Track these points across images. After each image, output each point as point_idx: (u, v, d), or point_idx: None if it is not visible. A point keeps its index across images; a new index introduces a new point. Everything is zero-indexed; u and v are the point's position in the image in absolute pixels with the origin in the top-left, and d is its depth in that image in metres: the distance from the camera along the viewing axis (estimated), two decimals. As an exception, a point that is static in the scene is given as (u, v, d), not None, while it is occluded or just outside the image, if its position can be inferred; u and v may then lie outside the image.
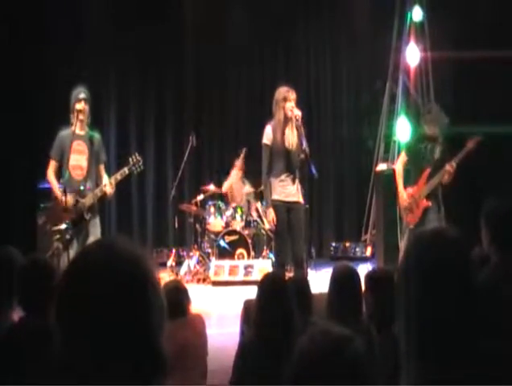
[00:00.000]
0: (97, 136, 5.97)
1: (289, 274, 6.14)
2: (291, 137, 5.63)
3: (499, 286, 2.58)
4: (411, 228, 6.44)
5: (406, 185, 6.50)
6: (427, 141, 6.45)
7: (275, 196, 5.65)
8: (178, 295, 3.57)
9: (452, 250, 1.52)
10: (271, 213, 5.69)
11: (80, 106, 5.70)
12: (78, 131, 5.75)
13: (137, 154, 6.00)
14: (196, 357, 3.52)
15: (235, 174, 9.36)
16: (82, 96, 5.71)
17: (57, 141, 5.80)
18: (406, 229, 6.63)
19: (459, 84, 9.23)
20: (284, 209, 5.64)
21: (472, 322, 1.47)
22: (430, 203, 6.33)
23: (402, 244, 6.55)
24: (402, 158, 6.62)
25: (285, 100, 5.62)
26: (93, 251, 1.23)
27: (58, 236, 5.54)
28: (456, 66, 8.86)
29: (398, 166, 6.62)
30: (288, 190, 5.60)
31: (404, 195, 6.46)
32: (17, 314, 2.89)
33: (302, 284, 3.46)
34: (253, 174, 9.43)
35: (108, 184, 5.75)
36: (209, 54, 10.65)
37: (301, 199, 5.67)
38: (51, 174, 5.77)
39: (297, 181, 5.64)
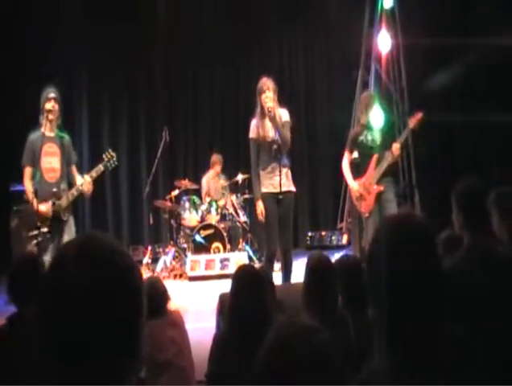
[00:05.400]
0: (66, 137, 5.87)
1: (277, 265, 6.14)
2: (270, 129, 5.63)
3: (471, 269, 2.57)
4: (367, 217, 6.45)
5: (357, 177, 6.50)
6: (365, 130, 6.47)
7: (264, 189, 5.64)
8: (159, 293, 3.54)
9: (417, 234, 1.51)
10: (260, 206, 5.66)
11: (49, 105, 5.60)
12: (48, 133, 5.65)
13: (110, 150, 5.96)
14: (183, 353, 3.51)
15: (212, 170, 9.33)
16: (52, 95, 5.61)
17: (28, 146, 5.66)
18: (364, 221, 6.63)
19: (430, 70, 9.26)
20: (273, 201, 5.62)
21: (441, 305, 1.47)
22: (382, 188, 6.33)
23: (368, 235, 6.49)
24: (346, 156, 6.60)
25: (262, 91, 5.63)
26: (73, 247, 1.19)
27: (35, 241, 5.45)
28: (427, 52, 8.89)
29: (344, 161, 6.58)
30: (275, 181, 5.58)
31: (355, 186, 6.45)
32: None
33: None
34: (228, 168, 9.43)
35: (85, 183, 5.67)
36: (182, 53, 10.64)
37: (291, 188, 5.66)
38: (28, 182, 5.61)
39: (285, 170, 5.61)
